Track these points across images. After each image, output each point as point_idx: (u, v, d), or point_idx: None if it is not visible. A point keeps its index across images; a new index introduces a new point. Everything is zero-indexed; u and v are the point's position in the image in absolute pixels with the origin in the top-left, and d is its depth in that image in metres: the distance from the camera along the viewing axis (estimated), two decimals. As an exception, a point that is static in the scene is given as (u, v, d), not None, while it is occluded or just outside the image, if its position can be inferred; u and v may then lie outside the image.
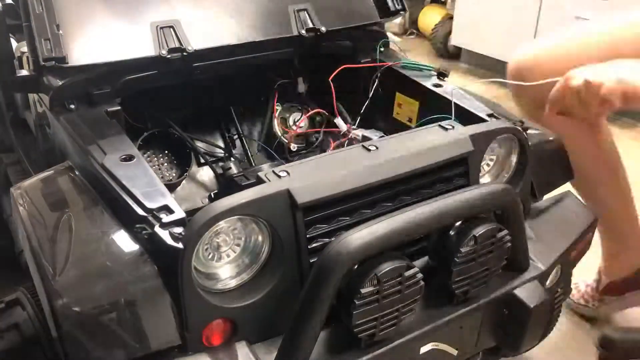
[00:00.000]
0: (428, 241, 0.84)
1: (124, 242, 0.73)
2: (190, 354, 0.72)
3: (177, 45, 1.01)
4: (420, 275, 0.75)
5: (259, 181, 0.76)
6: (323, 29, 1.14)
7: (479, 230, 0.78)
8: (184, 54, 1.01)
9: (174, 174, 1.19)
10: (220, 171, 1.22)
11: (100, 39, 0.99)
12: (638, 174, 2.31)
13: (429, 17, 3.50)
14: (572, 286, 1.39)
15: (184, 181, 1.20)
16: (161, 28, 1.02)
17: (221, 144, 1.27)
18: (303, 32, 1.13)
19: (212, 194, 1.19)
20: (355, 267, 0.72)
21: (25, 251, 0.79)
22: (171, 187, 1.17)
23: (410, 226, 0.73)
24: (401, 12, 1.22)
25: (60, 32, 0.94)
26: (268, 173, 0.76)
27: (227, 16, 1.11)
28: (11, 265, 1.24)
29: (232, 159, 1.24)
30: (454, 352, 0.86)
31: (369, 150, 0.82)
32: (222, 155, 1.25)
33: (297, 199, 0.73)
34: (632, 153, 2.40)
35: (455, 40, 3.10)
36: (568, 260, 1.00)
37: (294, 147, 1.24)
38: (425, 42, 3.49)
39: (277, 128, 1.24)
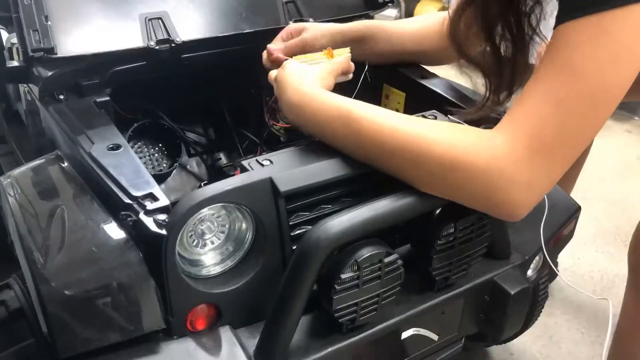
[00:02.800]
0: (410, 229, 0.85)
1: (110, 229, 0.75)
2: (175, 338, 0.74)
3: (166, 36, 1.02)
4: (400, 262, 0.76)
5: (243, 169, 0.77)
6: (311, 20, 1.15)
7: (459, 218, 0.80)
8: (172, 45, 1.02)
9: (165, 165, 1.21)
10: (210, 162, 1.24)
11: (89, 30, 1.00)
12: (633, 164, 2.33)
13: (425, 11, 3.50)
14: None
15: (174, 172, 1.22)
16: (149, 19, 1.03)
17: (211, 135, 1.29)
18: (291, 23, 1.14)
19: (202, 184, 1.21)
20: (336, 253, 0.74)
21: (13, 239, 0.80)
22: (161, 177, 1.18)
23: (389, 213, 0.74)
24: (389, 4, 1.23)
25: (49, 23, 0.95)
26: (251, 162, 0.78)
27: (215, 8, 1.12)
28: (4, 256, 1.26)
29: (221, 150, 1.26)
30: (435, 337, 0.88)
31: (352, 139, 0.83)
32: (212, 146, 1.27)
33: (279, 187, 0.74)
34: (627, 144, 2.43)
35: (450, 33, 3.10)
36: (551, 248, 1.02)
37: (283, 138, 1.25)
38: (421, 35, 3.50)
39: (267, 120, 1.25)
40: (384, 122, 0.77)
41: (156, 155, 1.20)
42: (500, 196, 0.70)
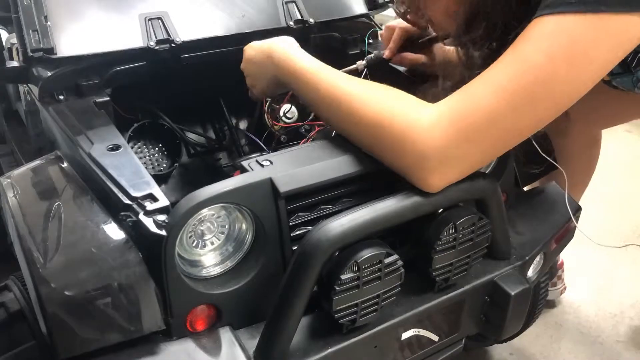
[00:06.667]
0: (410, 229, 0.85)
1: (110, 229, 0.74)
2: (175, 339, 0.73)
3: (165, 36, 1.02)
4: (400, 262, 0.76)
5: (242, 170, 0.77)
6: (311, 20, 1.15)
7: (459, 219, 0.80)
8: (172, 45, 1.02)
9: (165, 165, 1.20)
10: (210, 162, 1.24)
11: (88, 30, 1.00)
12: (633, 164, 2.34)
13: (425, 10, 3.50)
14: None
15: (174, 172, 1.21)
16: (149, 19, 1.03)
17: (211, 135, 1.28)
18: (291, 23, 1.15)
19: (202, 184, 1.20)
20: (336, 254, 0.74)
21: (12, 239, 0.80)
22: (161, 177, 1.18)
23: (390, 214, 0.74)
24: (389, 4, 1.23)
25: (49, 23, 0.95)
26: (251, 162, 0.78)
27: (215, 8, 1.12)
28: (4, 257, 1.26)
29: (222, 150, 1.26)
30: (436, 338, 0.87)
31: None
32: (212, 146, 1.27)
33: (279, 187, 0.74)
34: (627, 144, 2.43)
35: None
36: (550, 249, 1.02)
37: (283, 138, 1.25)
38: (421, 35, 3.50)
39: (267, 119, 1.25)
40: (328, 79, 0.82)
41: (156, 155, 1.20)
42: (412, 163, 0.73)
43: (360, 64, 1.10)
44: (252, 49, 0.98)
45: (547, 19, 0.66)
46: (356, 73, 1.09)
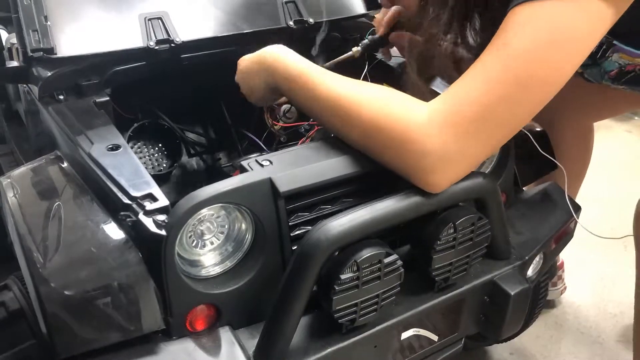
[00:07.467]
0: (410, 229, 0.85)
1: (110, 229, 0.74)
2: (174, 338, 0.73)
3: (165, 36, 1.03)
4: (400, 262, 0.76)
5: (242, 170, 0.77)
6: (311, 20, 1.16)
7: (459, 219, 0.80)
8: (172, 45, 1.03)
9: (164, 165, 1.21)
10: (210, 162, 1.24)
11: (88, 30, 1.00)
12: (633, 164, 2.34)
13: (425, 10, 3.51)
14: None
15: (174, 172, 1.21)
16: (149, 20, 1.03)
17: (211, 135, 1.28)
18: (291, 23, 1.15)
19: (202, 184, 1.20)
20: (336, 253, 0.74)
21: (12, 239, 0.80)
22: (161, 177, 1.18)
23: (390, 214, 0.74)
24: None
25: (49, 23, 0.95)
26: (251, 162, 0.78)
27: (215, 8, 1.12)
28: (4, 256, 1.26)
29: (221, 150, 1.26)
30: (435, 337, 0.88)
31: (352, 139, 0.83)
32: (212, 146, 1.27)
33: (279, 187, 0.74)
34: (627, 144, 2.43)
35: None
36: (550, 249, 1.02)
37: (283, 138, 1.25)
38: (421, 35, 3.50)
39: (267, 119, 1.25)
40: (323, 81, 0.82)
41: (156, 155, 1.20)
42: (412, 164, 0.73)
43: (356, 50, 1.09)
44: (245, 60, 0.99)
45: (521, 8, 0.67)
46: (353, 61, 1.09)
